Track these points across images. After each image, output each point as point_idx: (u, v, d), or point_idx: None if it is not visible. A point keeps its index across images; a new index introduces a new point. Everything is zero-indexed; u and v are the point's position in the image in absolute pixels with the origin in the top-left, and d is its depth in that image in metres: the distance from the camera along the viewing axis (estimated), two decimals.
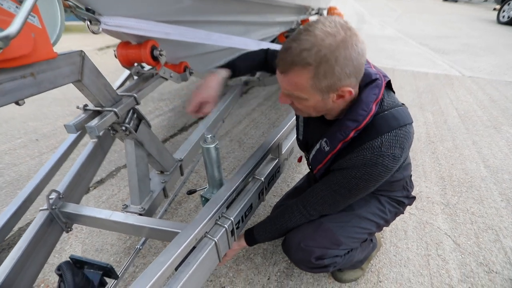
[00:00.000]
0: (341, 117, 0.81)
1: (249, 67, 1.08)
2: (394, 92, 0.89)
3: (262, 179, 1.15)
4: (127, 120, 0.92)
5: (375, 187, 0.84)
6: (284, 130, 1.28)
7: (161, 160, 1.18)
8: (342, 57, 0.64)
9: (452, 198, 1.72)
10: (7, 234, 0.93)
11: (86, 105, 0.84)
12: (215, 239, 0.90)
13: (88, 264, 0.75)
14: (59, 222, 1.09)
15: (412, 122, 0.81)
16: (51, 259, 1.45)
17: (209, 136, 0.96)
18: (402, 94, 3.12)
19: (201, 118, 2.50)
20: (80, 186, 1.27)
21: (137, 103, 0.95)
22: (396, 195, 1.06)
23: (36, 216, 1.03)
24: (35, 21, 0.53)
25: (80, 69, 0.72)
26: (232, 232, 1.01)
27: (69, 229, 1.14)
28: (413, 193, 1.14)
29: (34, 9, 0.48)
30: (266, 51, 1.10)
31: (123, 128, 0.91)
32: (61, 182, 1.19)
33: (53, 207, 1.05)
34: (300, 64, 0.66)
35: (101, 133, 1.39)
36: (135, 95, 0.92)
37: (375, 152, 0.75)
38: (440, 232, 1.49)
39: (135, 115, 0.97)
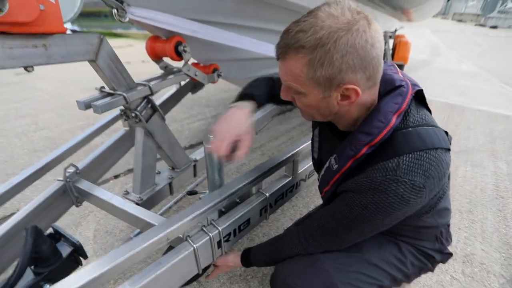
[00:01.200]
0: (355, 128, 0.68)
1: (266, 94, 0.90)
2: (430, 111, 0.72)
3: (267, 194, 1.05)
4: (139, 108, 0.95)
5: (386, 223, 0.67)
6: (302, 147, 1.16)
7: (172, 156, 1.18)
8: (343, 43, 0.54)
9: None
10: (16, 194, 1.01)
11: (102, 87, 0.89)
12: (194, 245, 0.83)
13: (65, 237, 0.76)
14: (71, 195, 1.15)
15: (447, 149, 0.64)
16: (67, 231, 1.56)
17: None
18: (469, 135, 2.66)
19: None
20: (100, 167, 1.35)
21: (152, 93, 0.97)
22: (425, 245, 0.84)
23: (52, 185, 1.12)
24: None
25: (96, 50, 0.77)
26: (219, 244, 0.92)
27: (79, 204, 1.21)
28: (451, 249, 0.89)
29: None
30: (273, 78, 0.94)
31: (133, 114, 0.93)
32: (83, 160, 1.28)
33: (68, 180, 1.13)
34: (294, 47, 0.57)
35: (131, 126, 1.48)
36: (150, 84, 0.95)
37: (388, 176, 0.59)
38: None
39: (149, 105, 1.00)
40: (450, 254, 0.89)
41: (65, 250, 0.74)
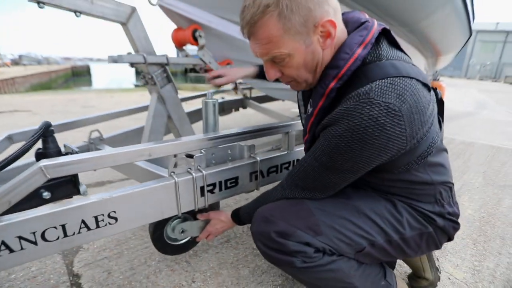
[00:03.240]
0: None
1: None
2: (408, 56, 0.72)
3: (258, 159, 1.08)
4: (155, 73, 1.14)
5: (365, 157, 0.64)
6: (299, 122, 1.19)
7: (180, 127, 1.32)
8: None
9: None
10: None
11: (129, 52, 1.12)
12: (176, 179, 0.88)
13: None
14: None
15: (426, 85, 0.63)
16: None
17: (212, 92, 1.03)
18: None
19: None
20: (123, 142, 1.53)
21: (167, 63, 1.17)
22: (423, 207, 0.76)
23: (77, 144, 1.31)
24: None
25: (127, 17, 1.01)
26: (202, 191, 0.95)
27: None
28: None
29: None
30: None
31: (149, 76, 1.12)
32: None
33: (91, 141, 1.31)
34: (259, 13, 0.61)
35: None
36: (167, 55, 1.16)
37: (361, 99, 0.58)
38: None
39: (165, 74, 1.19)
40: (456, 223, 0.78)
41: None
